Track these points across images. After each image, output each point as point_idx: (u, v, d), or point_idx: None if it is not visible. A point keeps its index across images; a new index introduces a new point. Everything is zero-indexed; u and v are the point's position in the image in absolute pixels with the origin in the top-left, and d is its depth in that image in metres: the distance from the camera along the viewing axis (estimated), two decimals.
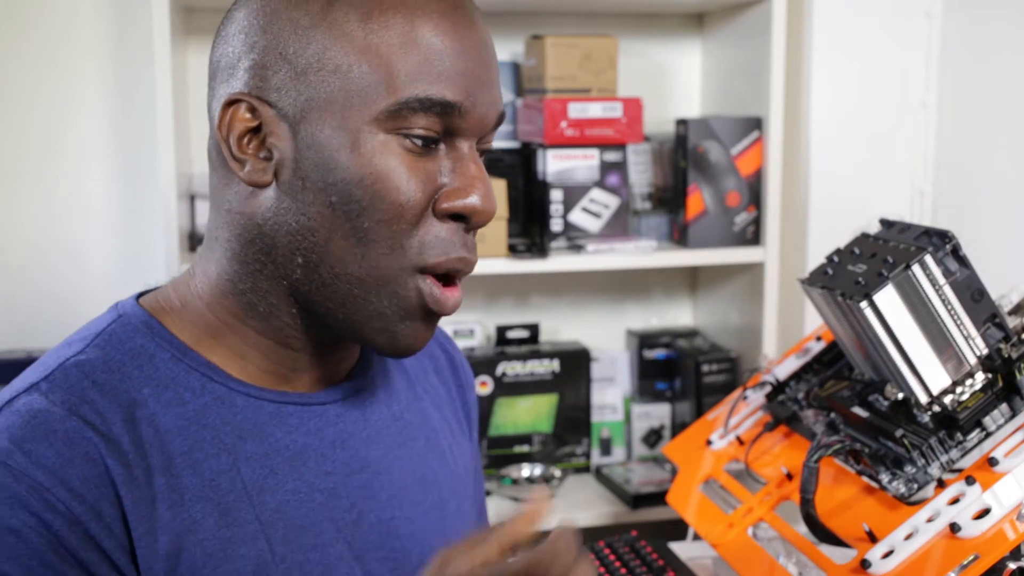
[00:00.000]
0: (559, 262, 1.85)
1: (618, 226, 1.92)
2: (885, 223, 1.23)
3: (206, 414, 0.77)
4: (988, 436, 1.09)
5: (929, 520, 1.02)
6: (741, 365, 1.98)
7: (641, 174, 1.97)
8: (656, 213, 1.98)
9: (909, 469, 1.09)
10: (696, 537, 1.41)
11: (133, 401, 0.75)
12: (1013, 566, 0.97)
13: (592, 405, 2.03)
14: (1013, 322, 1.13)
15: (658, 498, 1.84)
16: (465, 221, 0.77)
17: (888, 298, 1.10)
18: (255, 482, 0.78)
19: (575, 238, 1.89)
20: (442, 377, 0.99)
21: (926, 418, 1.11)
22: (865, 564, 1.02)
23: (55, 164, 1.93)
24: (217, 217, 0.79)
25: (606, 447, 2.06)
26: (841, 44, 1.86)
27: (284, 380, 0.81)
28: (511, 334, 2.02)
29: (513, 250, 1.86)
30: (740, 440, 1.37)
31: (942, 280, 1.11)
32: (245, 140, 0.76)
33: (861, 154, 1.89)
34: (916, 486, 1.08)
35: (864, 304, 1.10)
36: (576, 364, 2.01)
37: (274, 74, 0.75)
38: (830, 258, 1.22)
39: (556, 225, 1.89)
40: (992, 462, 1.01)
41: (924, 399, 1.11)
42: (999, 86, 1.75)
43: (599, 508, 1.89)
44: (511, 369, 1.97)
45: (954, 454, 1.09)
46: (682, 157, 1.89)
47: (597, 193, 1.90)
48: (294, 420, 0.81)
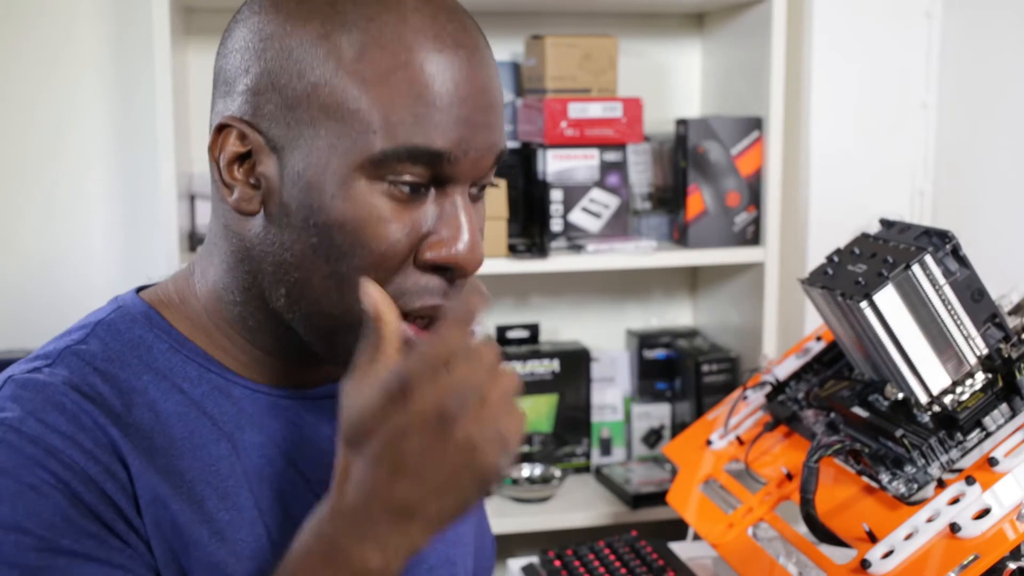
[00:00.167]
0: (559, 262, 1.84)
1: (618, 226, 1.92)
2: (885, 223, 1.23)
3: (205, 403, 0.78)
4: (988, 436, 1.09)
5: (929, 520, 1.02)
6: (741, 365, 1.98)
7: (641, 174, 1.97)
8: (656, 213, 1.98)
9: (909, 469, 1.09)
10: (696, 537, 1.41)
11: (133, 388, 0.76)
12: (1013, 566, 0.97)
13: (592, 405, 2.03)
14: (1013, 322, 1.13)
15: (658, 498, 1.84)
16: (449, 272, 0.74)
17: (888, 298, 1.10)
18: (254, 470, 0.78)
19: (575, 238, 1.89)
20: None
21: (926, 418, 1.11)
22: (865, 564, 1.02)
23: (55, 164, 1.93)
24: (216, 226, 0.80)
25: (606, 447, 2.06)
26: (841, 44, 1.86)
27: (278, 379, 0.82)
28: (511, 334, 2.02)
29: (513, 250, 1.86)
30: (740, 440, 1.37)
31: (942, 280, 1.11)
32: (235, 166, 0.74)
33: (861, 154, 1.89)
34: (916, 486, 1.08)
35: (864, 304, 1.10)
36: (576, 364, 2.00)
37: (266, 103, 0.73)
38: (830, 258, 1.22)
39: (556, 225, 1.89)
40: (992, 462, 1.01)
41: (924, 399, 1.11)
42: (999, 86, 1.75)
43: (599, 508, 1.89)
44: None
45: (954, 454, 1.09)
46: (682, 157, 1.89)
47: (597, 193, 1.90)
48: (290, 414, 0.82)
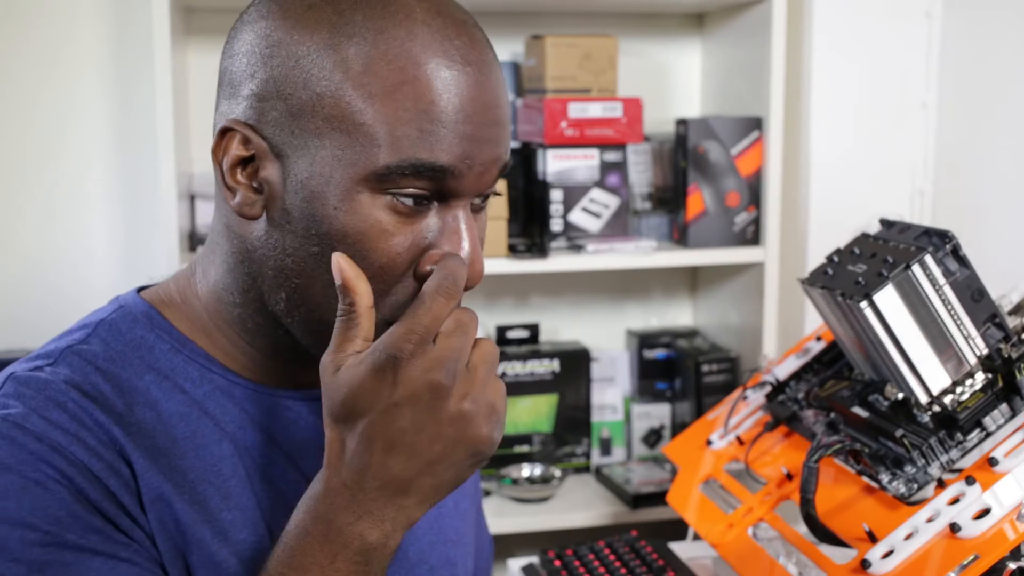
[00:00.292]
0: (559, 262, 1.84)
1: (618, 226, 1.92)
2: (885, 223, 1.23)
3: (206, 403, 0.78)
4: (988, 436, 1.08)
5: (929, 520, 1.02)
6: (741, 365, 1.98)
7: (641, 174, 1.97)
8: (656, 213, 1.98)
9: (909, 469, 1.09)
10: (696, 537, 1.41)
11: (134, 388, 0.76)
12: (1013, 566, 0.97)
13: (592, 405, 2.03)
14: (1013, 322, 1.13)
15: (658, 498, 1.84)
16: None
17: (888, 298, 1.10)
18: (256, 471, 0.79)
19: (575, 238, 1.88)
20: None
21: (926, 418, 1.11)
22: (865, 564, 1.02)
23: (55, 164, 1.93)
24: (218, 225, 0.79)
25: (606, 447, 2.06)
26: (841, 44, 1.86)
27: (277, 380, 0.82)
28: (511, 334, 2.02)
29: (513, 250, 1.86)
30: (740, 440, 1.37)
31: (942, 280, 1.11)
32: (238, 169, 0.74)
33: (861, 154, 1.89)
34: (916, 486, 1.08)
35: (864, 304, 1.10)
36: (576, 364, 2.00)
37: (271, 109, 0.72)
38: (830, 258, 1.22)
39: (556, 225, 1.89)
40: (992, 462, 1.01)
41: (924, 399, 1.11)
42: (999, 86, 1.75)
43: (599, 508, 1.89)
44: (511, 369, 1.96)
45: (954, 454, 1.09)
46: (682, 157, 1.89)
47: (597, 193, 1.90)
48: (291, 414, 0.82)
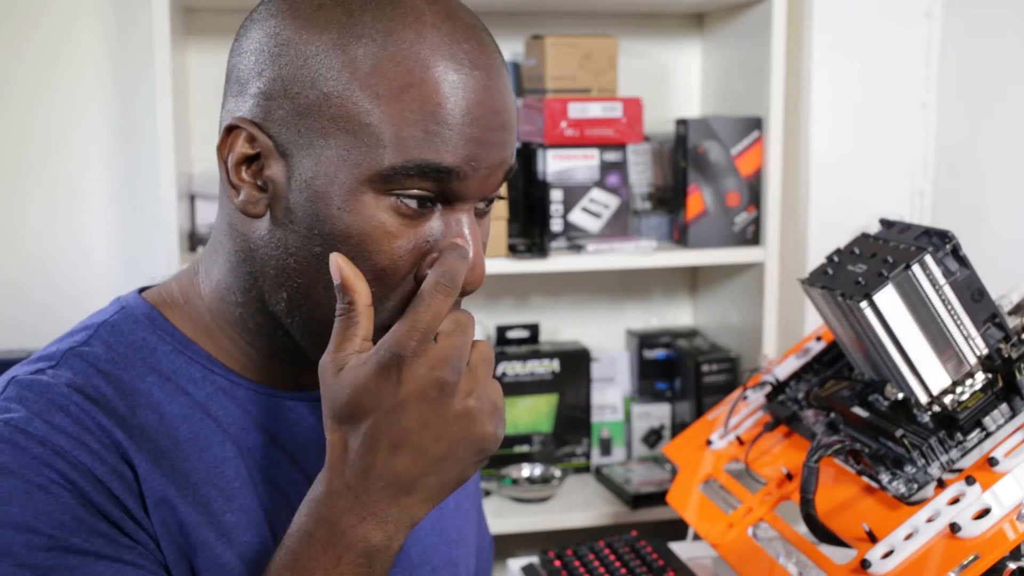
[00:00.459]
0: (559, 262, 1.84)
1: (618, 226, 1.92)
2: (885, 223, 1.23)
3: (209, 404, 0.78)
4: (988, 436, 1.08)
5: (929, 520, 1.02)
6: (741, 365, 1.98)
7: (641, 174, 1.97)
8: (656, 213, 1.98)
9: (909, 469, 1.09)
10: (696, 537, 1.41)
11: (136, 390, 0.76)
12: (1013, 566, 0.97)
13: (592, 405, 2.03)
14: (1013, 322, 1.13)
15: (658, 498, 1.84)
16: None
17: (888, 298, 1.10)
18: (259, 473, 0.79)
19: (575, 238, 1.89)
20: None
21: (926, 418, 1.11)
22: (865, 564, 1.02)
23: (55, 164, 1.93)
24: (222, 223, 0.79)
25: (606, 447, 2.06)
26: (841, 44, 1.86)
27: (279, 381, 0.82)
28: (511, 334, 2.02)
29: (513, 250, 1.86)
30: (740, 440, 1.37)
31: (942, 280, 1.11)
32: (243, 167, 0.74)
33: (861, 154, 1.89)
34: (916, 486, 1.08)
35: (864, 304, 1.10)
36: (576, 364, 2.00)
37: (277, 108, 0.72)
38: (830, 258, 1.22)
39: (556, 225, 1.89)
40: (992, 462, 1.01)
41: (924, 399, 1.11)
42: (999, 86, 1.75)
43: (599, 508, 1.89)
44: (511, 369, 1.96)
45: (954, 454, 1.09)
46: (682, 157, 1.89)
47: (597, 193, 1.90)
48: (294, 415, 0.82)
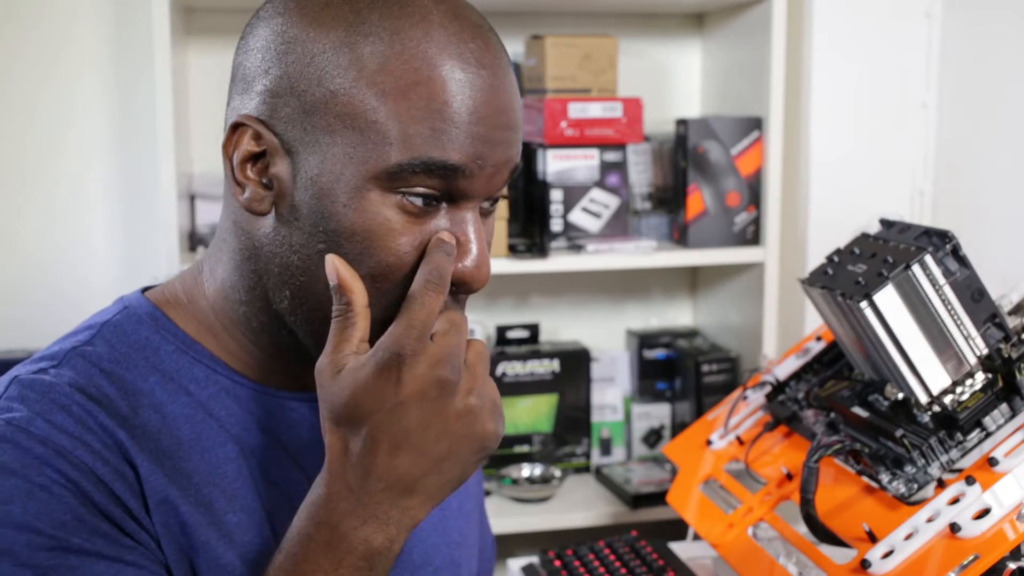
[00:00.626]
0: (559, 262, 1.84)
1: (618, 226, 1.92)
2: (885, 223, 1.23)
3: (211, 405, 0.78)
4: (988, 436, 1.08)
5: (929, 520, 1.02)
6: (741, 365, 1.98)
7: (641, 174, 1.97)
8: (656, 213, 1.98)
9: (909, 469, 1.09)
10: (696, 537, 1.41)
11: (139, 390, 0.76)
12: (1013, 566, 0.97)
13: (592, 405, 2.03)
14: (1013, 322, 1.13)
15: (658, 498, 1.84)
16: (453, 287, 0.73)
17: (888, 298, 1.10)
18: (260, 473, 0.79)
19: (575, 238, 1.89)
20: None
21: (926, 418, 1.11)
22: (865, 564, 1.02)
23: (55, 164, 1.93)
24: (226, 222, 0.79)
25: (606, 447, 2.06)
26: (841, 44, 1.86)
27: (282, 381, 0.82)
28: (511, 334, 2.02)
29: (513, 250, 1.86)
30: (740, 440, 1.37)
31: (942, 280, 1.11)
32: (248, 165, 0.74)
33: (861, 154, 1.89)
34: (916, 486, 1.08)
35: (864, 304, 1.10)
36: (576, 364, 2.00)
37: (283, 105, 0.72)
38: (830, 258, 1.22)
39: (556, 225, 1.89)
40: (992, 462, 1.01)
41: (924, 399, 1.11)
42: (999, 86, 1.75)
43: (599, 508, 1.89)
44: (511, 369, 1.97)
45: (954, 454, 1.09)
46: (682, 157, 1.89)
47: (597, 193, 1.90)
48: (296, 415, 0.82)
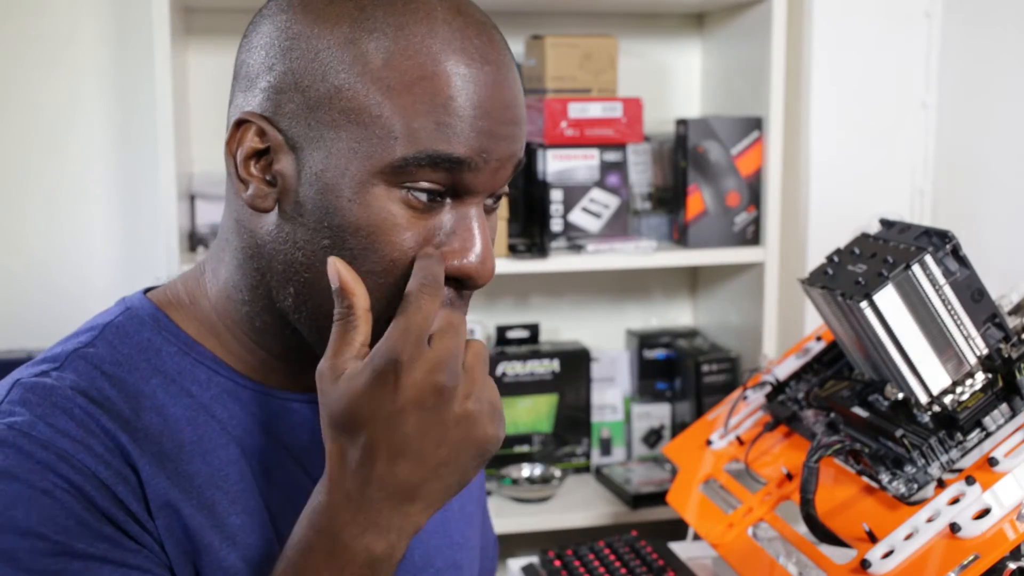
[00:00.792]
0: (559, 262, 1.84)
1: (618, 226, 1.92)
2: (885, 223, 1.23)
3: (213, 406, 0.78)
4: (988, 436, 1.09)
5: (929, 520, 1.02)
6: (741, 365, 1.98)
7: (641, 174, 1.97)
8: (656, 213, 1.98)
9: (909, 469, 1.09)
10: (696, 537, 1.41)
11: (141, 392, 0.76)
12: (1013, 566, 0.97)
13: (592, 405, 2.03)
14: (1013, 322, 1.13)
15: (658, 498, 1.84)
16: (458, 282, 0.73)
17: (888, 298, 1.10)
18: (263, 474, 0.79)
19: (575, 238, 1.89)
20: None
21: (926, 418, 1.11)
22: (865, 564, 1.02)
23: (56, 164, 1.93)
24: (228, 220, 0.79)
25: (606, 447, 2.06)
26: (841, 44, 1.86)
27: (286, 382, 0.82)
28: (511, 334, 2.02)
29: (513, 250, 1.86)
30: (740, 440, 1.37)
31: (942, 280, 1.11)
32: (252, 162, 0.74)
33: (861, 154, 1.89)
34: (916, 486, 1.08)
35: (864, 304, 1.10)
36: (576, 364, 2.01)
37: (288, 102, 0.72)
38: (830, 258, 1.22)
39: (556, 225, 1.89)
40: (992, 462, 1.01)
41: (924, 399, 1.11)
42: (999, 86, 1.75)
43: (599, 508, 1.89)
44: (511, 369, 1.97)
45: (954, 454, 1.09)
46: (682, 157, 1.89)
47: (597, 193, 1.90)
48: (298, 417, 0.82)
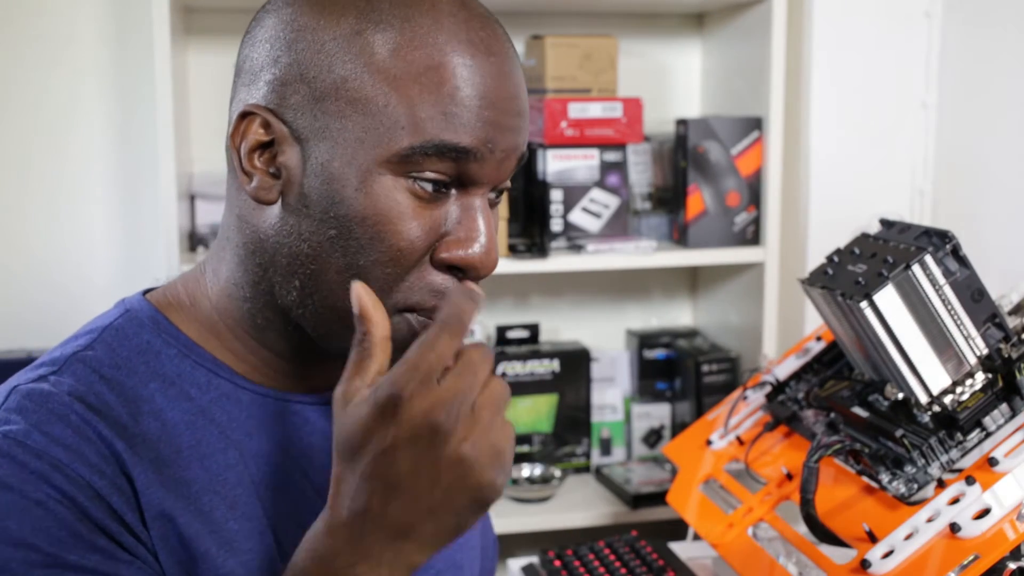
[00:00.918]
0: (559, 262, 1.84)
1: (618, 226, 1.92)
2: (885, 223, 1.23)
3: (212, 410, 0.78)
4: (988, 436, 1.09)
5: (929, 520, 1.02)
6: (741, 365, 1.98)
7: (641, 174, 1.97)
8: (656, 213, 1.98)
9: (909, 469, 1.09)
10: (696, 537, 1.41)
11: (139, 396, 0.76)
12: (1013, 566, 0.97)
13: (592, 405, 2.03)
14: (1013, 322, 1.13)
15: (658, 498, 1.84)
16: (463, 273, 0.74)
17: (888, 298, 1.10)
18: (262, 479, 0.78)
19: (575, 238, 1.89)
20: None
21: (926, 418, 1.11)
22: (865, 564, 1.02)
23: (56, 164, 1.93)
24: (229, 217, 0.79)
25: (606, 447, 2.06)
26: (841, 44, 1.86)
27: (288, 382, 0.82)
28: (511, 334, 2.02)
29: (513, 250, 1.86)
30: (740, 440, 1.37)
31: (942, 280, 1.11)
32: (256, 154, 0.74)
33: (861, 154, 1.89)
34: (916, 486, 1.08)
35: (864, 304, 1.10)
36: (576, 364, 2.00)
37: (293, 93, 0.73)
38: (830, 258, 1.22)
39: (556, 225, 1.89)
40: (992, 462, 1.01)
41: (924, 399, 1.11)
42: (999, 86, 1.75)
43: (599, 508, 1.89)
44: (511, 369, 1.96)
45: (954, 454, 1.09)
46: (682, 157, 1.89)
47: (597, 193, 1.90)
48: (299, 419, 0.81)
